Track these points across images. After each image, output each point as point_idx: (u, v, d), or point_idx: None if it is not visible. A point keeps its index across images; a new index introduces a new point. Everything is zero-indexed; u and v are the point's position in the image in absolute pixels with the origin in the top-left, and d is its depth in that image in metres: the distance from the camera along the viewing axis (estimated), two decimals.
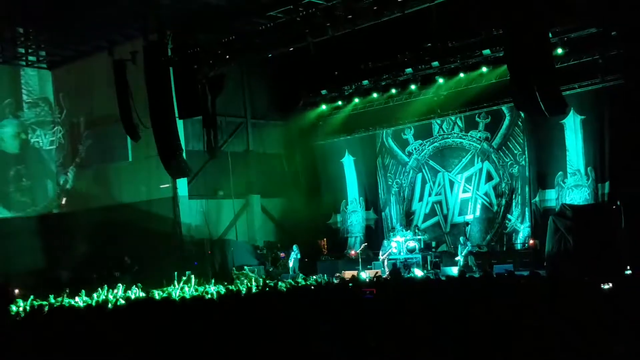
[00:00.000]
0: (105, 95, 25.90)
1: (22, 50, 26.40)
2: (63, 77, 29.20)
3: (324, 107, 27.35)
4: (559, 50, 20.64)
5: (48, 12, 23.30)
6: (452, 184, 24.75)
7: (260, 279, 21.27)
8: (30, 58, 27.23)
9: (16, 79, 28.87)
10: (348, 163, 27.76)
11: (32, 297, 17.42)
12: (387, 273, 21.55)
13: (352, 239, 27.25)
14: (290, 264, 24.83)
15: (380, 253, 23.65)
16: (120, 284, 19.93)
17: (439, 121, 25.09)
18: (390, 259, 23.02)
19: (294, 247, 25.14)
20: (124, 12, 22.35)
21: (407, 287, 12.51)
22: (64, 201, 29.64)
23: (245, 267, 24.32)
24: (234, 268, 24.78)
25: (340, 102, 26.86)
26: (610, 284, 11.17)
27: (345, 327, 8.25)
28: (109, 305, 14.33)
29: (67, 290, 19.27)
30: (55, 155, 29.94)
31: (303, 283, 19.06)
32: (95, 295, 19.03)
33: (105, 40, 24.31)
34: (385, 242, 24.03)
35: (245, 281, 21.00)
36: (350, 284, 14.32)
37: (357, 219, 27.42)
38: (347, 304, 10.33)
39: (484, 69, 22.88)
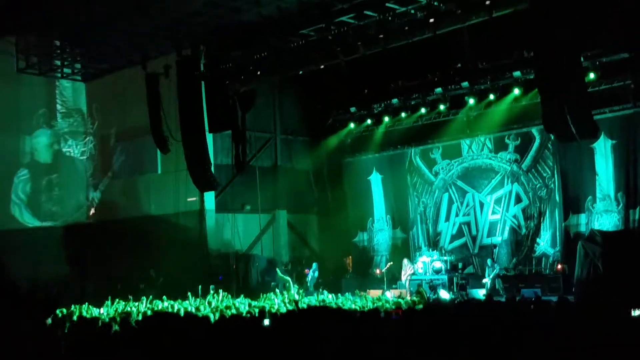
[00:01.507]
0: (137, 108, 26.28)
1: (58, 63, 26.81)
2: (96, 89, 29.57)
3: (352, 124, 27.41)
4: (591, 75, 20.53)
5: (84, 27, 23.68)
6: (482, 205, 24.59)
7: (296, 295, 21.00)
8: (66, 70, 27.65)
9: (51, 90, 29.33)
10: (375, 181, 27.73)
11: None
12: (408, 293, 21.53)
13: (379, 258, 27.15)
14: (308, 281, 24.79)
15: (402, 273, 23.54)
16: (144, 297, 20.01)
17: (468, 141, 25.02)
18: (412, 279, 22.89)
19: (314, 264, 25.15)
20: (158, 27, 22.62)
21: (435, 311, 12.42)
22: (92, 211, 29.93)
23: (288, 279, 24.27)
24: (278, 269, 24.81)
25: (369, 120, 26.90)
26: None
27: None
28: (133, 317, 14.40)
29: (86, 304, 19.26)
30: (86, 165, 30.29)
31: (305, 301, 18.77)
32: (117, 306, 19.12)
33: (139, 54, 24.60)
34: (405, 260, 23.90)
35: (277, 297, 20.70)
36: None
37: (384, 237, 27.33)
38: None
39: (515, 91, 22.80)
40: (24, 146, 29.01)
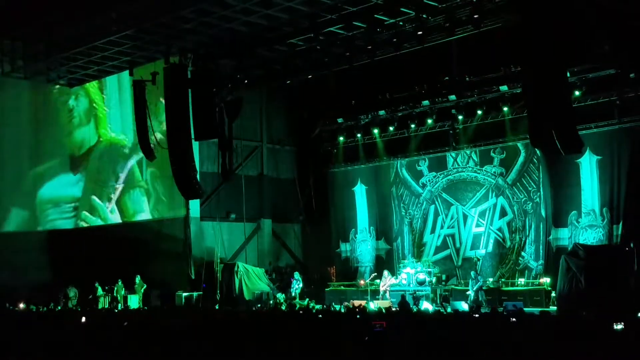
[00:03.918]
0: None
1: (44, 67, 26.67)
2: None
3: (339, 135, 27.45)
4: (577, 93, 20.73)
5: (71, 31, 23.61)
6: (465, 217, 24.68)
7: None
8: (51, 75, 27.53)
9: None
10: (360, 192, 27.75)
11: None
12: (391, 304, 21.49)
13: (363, 268, 27.13)
14: (293, 290, 24.77)
15: (381, 284, 23.54)
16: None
17: (453, 154, 25.11)
18: (394, 290, 22.89)
19: (295, 274, 25.13)
20: (146, 33, 22.58)
21: (419, 322, 12.43)
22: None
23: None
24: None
25: (356, 131, 26.94)
26: (622, 324, 11.07)
27: None
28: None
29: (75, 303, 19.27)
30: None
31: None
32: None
33: (126, 60, 24.56)
34: (385, 272, 23.90)
35: None
36: (357, 315, 14.27)
37: (366, 248, 27.34)
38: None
39: (501, 105, 22.94)
40: None
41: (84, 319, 14.85)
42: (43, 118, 29.60)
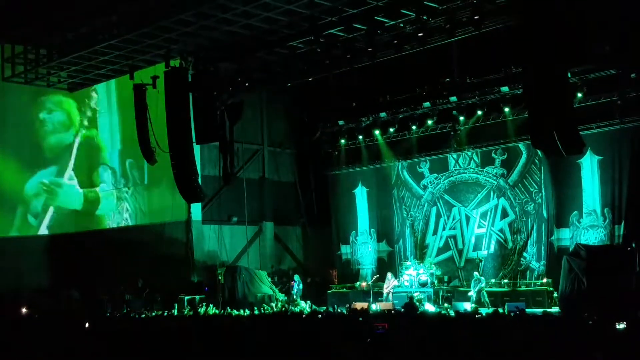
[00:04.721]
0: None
1: (44, 72, 26.69)
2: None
3: (340, 137, 27.44)
4: (579, 95, 20.72)
5: (71, 35, 23.65)
6: (467, 219, 24.66)
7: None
8: (52, 79, 27.54)
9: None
10: (360, 194, 27.74)
11: None
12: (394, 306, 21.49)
13: (364, 271, 27.11)
14: (294, 294, 24.76)
15: (385, 286, 23.52)
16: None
17: (455, 156, 25.10)
18: (397, 292, 22.88)
19: (295, 277, 25.13)
20: (146, 37, 22.60)
21: (422, 323, 12.43)
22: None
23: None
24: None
25: (357, 134, 26.92)
26: (625, 324, 11.08)
27: None
28: None
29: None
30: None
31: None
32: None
33: (127, 64, 24.57)
34: (389, 274, 23.89)
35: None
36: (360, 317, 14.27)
37: (367, 250, 27.32)
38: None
39: (502, 106, 22.93)
40: None
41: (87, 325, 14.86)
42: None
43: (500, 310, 17.67)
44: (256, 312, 21.25)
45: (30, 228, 29.27)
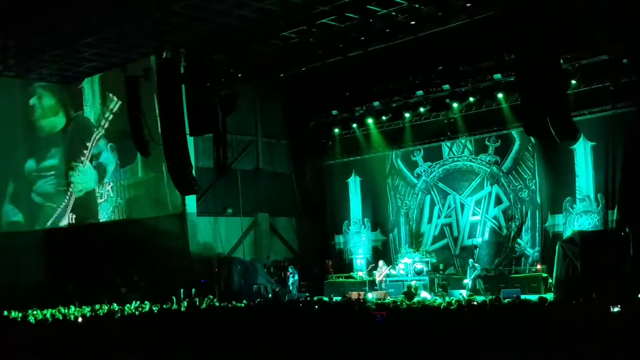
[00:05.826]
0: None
1: (36, 65, 26.57)
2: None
3: (334, 127, 27.44)
4: (572, 81, 20.75)
5: (62, 28, 23.52)
6: (462, 206, 24.73)
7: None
8: (43, 72, 27.41)
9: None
10: (353, 183, 27.80)
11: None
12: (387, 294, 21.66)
13: (359, 260, 27.18)
14: (290, 285, 24.79)
15: (377, 274, 23.62)
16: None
17: (448, 144, 25.15)
18: (392, 281, 22.98)
19: (290, 268, 25.16)
20: (138, 29, 22.51)
21: (418, 311, 12.50)
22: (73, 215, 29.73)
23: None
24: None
25: (351, 123, 26.94)
26: (619, 307, 11.16)
27: None
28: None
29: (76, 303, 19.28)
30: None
31: None
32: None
33: (119, 56, 24.49)
34: (380, 262, 23.99)
35: None
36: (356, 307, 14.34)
37: (360, 240, 27.37)
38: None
39: (495, 94, 22.97)
40: None
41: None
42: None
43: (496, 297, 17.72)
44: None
45: (18, 225, 29.15)
